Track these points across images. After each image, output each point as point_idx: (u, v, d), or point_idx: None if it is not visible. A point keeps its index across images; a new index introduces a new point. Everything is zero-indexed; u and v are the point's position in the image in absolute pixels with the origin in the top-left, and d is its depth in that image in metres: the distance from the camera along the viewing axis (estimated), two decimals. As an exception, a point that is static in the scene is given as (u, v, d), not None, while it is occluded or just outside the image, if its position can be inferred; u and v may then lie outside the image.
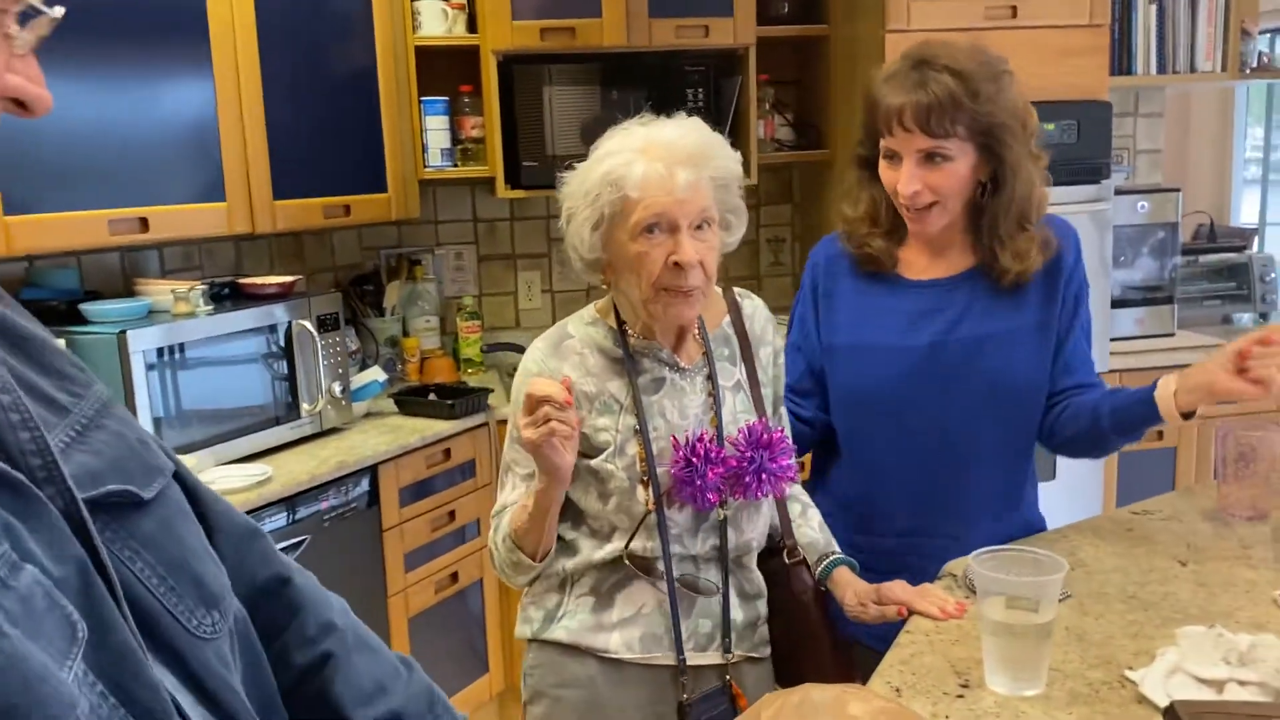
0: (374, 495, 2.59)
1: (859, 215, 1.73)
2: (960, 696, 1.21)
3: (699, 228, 1.40)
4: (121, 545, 0.65)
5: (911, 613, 1.44)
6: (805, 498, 1.69)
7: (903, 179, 1.59)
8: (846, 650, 1.59)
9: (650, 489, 1.45)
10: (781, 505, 1.60)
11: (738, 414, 1.53)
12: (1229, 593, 1.45)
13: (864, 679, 1.32)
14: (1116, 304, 3.27)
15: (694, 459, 1.42)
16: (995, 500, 1.70)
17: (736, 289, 1.63)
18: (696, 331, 1.54)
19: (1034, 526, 1.75)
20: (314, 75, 2.79)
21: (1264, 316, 3.76)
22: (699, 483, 1.42)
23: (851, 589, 1.55)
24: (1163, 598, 1.44)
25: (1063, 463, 2.94)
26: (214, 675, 0.66)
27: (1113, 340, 3.22)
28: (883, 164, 1.63)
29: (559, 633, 1.51)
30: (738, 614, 1.53)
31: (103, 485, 0.65)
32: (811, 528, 1.64)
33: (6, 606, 0.52)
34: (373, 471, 2.58)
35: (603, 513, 1.47)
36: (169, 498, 0.71)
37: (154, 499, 0.69)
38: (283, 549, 2.43)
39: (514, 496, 1.52)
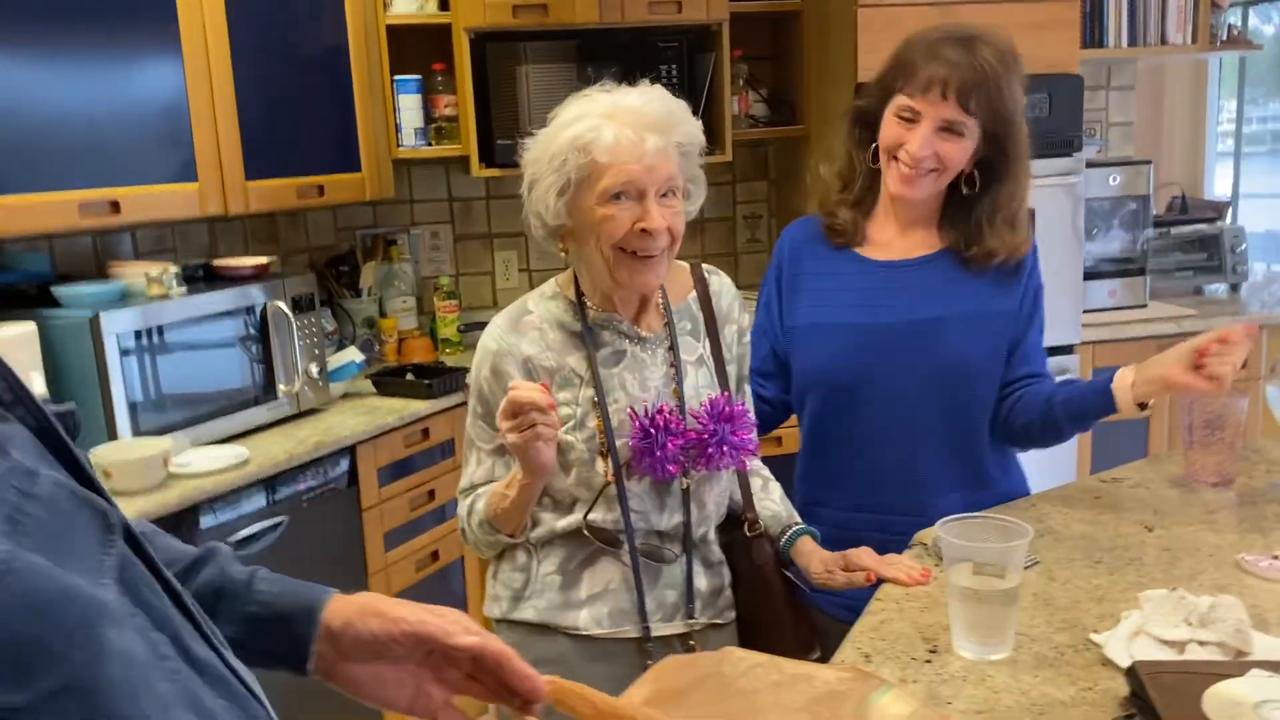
0: (353, 475, 2.59)
1: (833, 173, 1.76)
2: (928, 661, 1.23)
3: (665, 195, 1.41)
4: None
5: (880, 580, 1.46)
6: (766, 472, 1.70)
7: (918, 140, 1.60)
8: (809, 618, 1.61)
9: (610, 461, 1.46)
10: (743, 479, 1.61)
11: (700, 388, 1.53)
12: (1193, 557, 1.47)
13: (826, 645, 1.34)
14: (1089, 275, 3.30)
15: (653, 429, 1.43)
16: (951, 477, 1.70)
17: (705, 265, 1.64)
18: (659, 302, 1.54)
19: (1012, 497, 1.76)
20: (284, 55, 2.77)
21: (1235, 288, 3.81)
22: (659, 453, 1.43)
23: (817, 557, 1.56)
24: (1128, 562, 1.46)
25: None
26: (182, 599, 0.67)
27: (1085, 312, 3.25)
28: (892, 120, 1.63)
29: (528, 612, 1.52)
30: (701, 582, 1.55)
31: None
32: (773, 500, 1.66)
33: (34, 514, 0.51)
34: (351, 452, 2.58)
35: (564, 485, 1.48)
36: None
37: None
38: (262, 530, 2.42)
39: (480, 473, 1.54)
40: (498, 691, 0.89)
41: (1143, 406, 1.59)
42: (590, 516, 1.48)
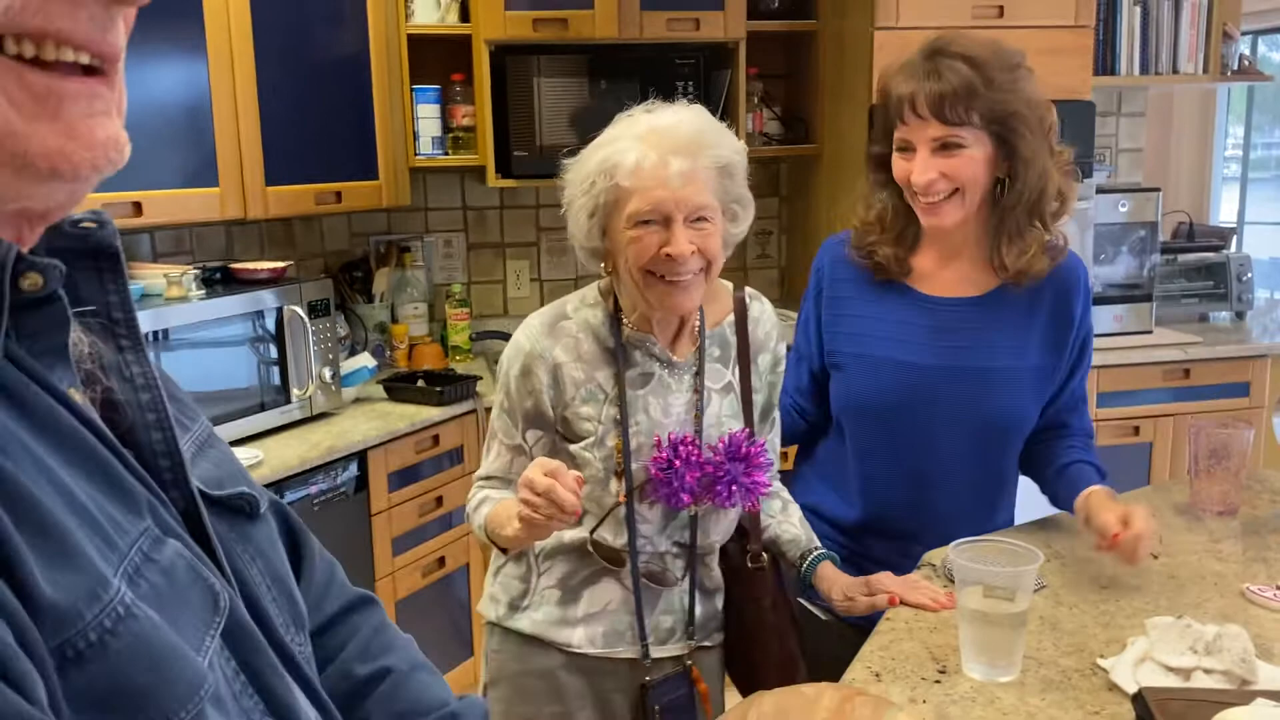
0: (363, 480, 2.62)
1: (869, 219, 1.70)
2: (938, 681, 1.25)
3: (696, 220, 1.38)
4: (241, 548, 0.66)
5: (901, 602, 1.47)
6: (786, 494, 1.69)
7: (917, 168, 1.55)
8: (794, 659, 1.60)
9: (623, 482, 1.45)
10: (755, 511, 1.60)
11: (722, 417, 1.52)
12: (1198, 585, 1.50)
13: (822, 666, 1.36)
14: (1096, 301, 3.31)
15: (676, 460, 1.42)
16: (961, 520, 1.66)
17: (749, 289, 1.60)
18: (695, 326, 1.52)
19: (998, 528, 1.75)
20: (307, 62, 2.80)
21: (1240, 315, 3.83)
22: (676, 484, 1.42)
23: (838, 585, 1.55)
24: (1134, 589, 1.49)
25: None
26: (309, 681, 0.67)
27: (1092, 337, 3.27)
28: (896, 158, 1.61)
29: (523, 623, 1.53)
30: (699, 608, 1.56)
31: (225, 489, 0.66)
32: (792, 524, 1.64)
33: (151, 579, 0.53)
34: (362, 457, 2.60)
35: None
36: (270, 519, 0.73)
37: (263, 514, 0.71)
38: (274, 532, 2.43)
39: (497, 466, 1.53)
40: None
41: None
42: (597, 534, 1.48)
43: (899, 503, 1.70)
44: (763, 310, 1.59)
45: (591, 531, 1.48)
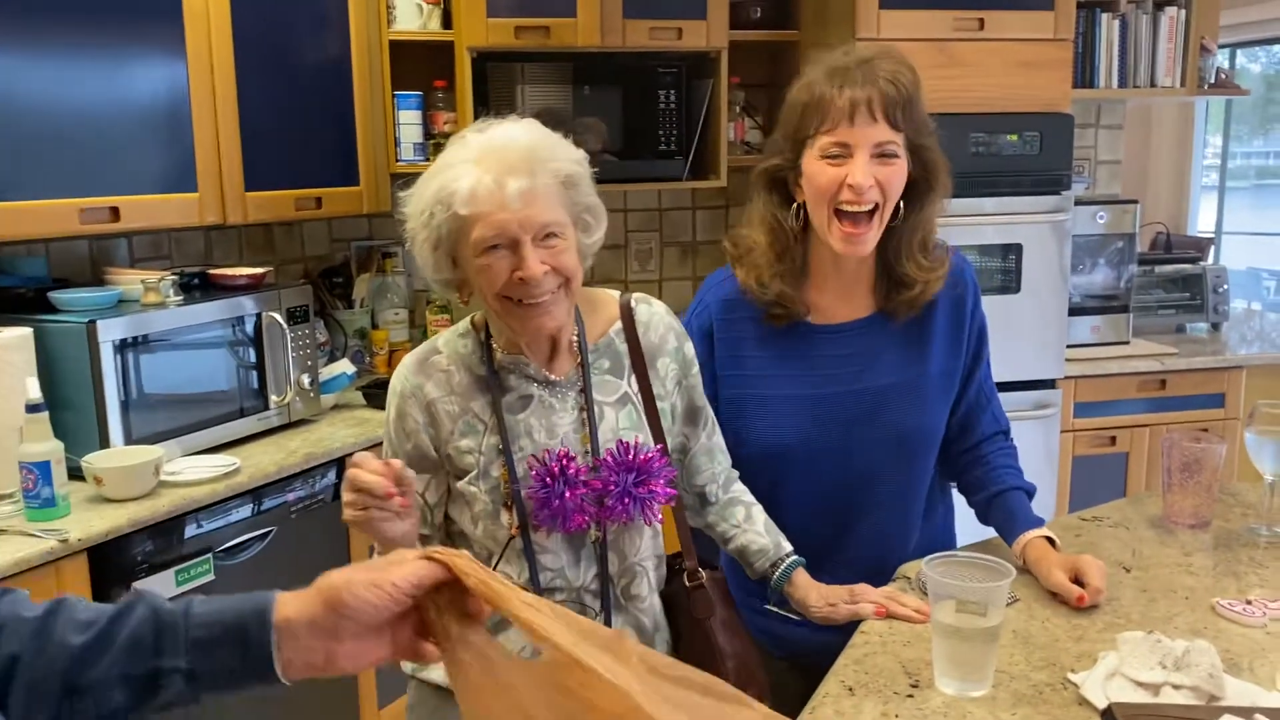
0: (340, 488, 2.60)
1: (765, 245, 1.61)
2: (910, 696, 1.26)
3: (545, 238, 1.32)
4: None
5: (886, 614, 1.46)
6: (748, 498, 1.61)
7: (859, 169, 1.49)
8: (757, 678, 1.51)
9: (515, 513, 1.38)
10: (680, 522, 1.53)
11: (620, 430, 1.43)
12: (1169, 599, 1.51)
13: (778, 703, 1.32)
14: (1074, 311, 3.35)
15: (549, 480, 1.35)
16: (887, 540, 1.69)
17: (635, 294, 1.53)
18: (573, 341, 1.45)
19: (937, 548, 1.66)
20: (288, 67, 2.80)
21: (1215, 326, 3.87)
22: (556, 504, 1.35)
23: (815, 590, 1.52)
24: (1106, 603, 1.49)
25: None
26: None
27: (1069, 347, 3.30)
28: (823, 165, 1.52)
29: (435, 674, 1.45)
30: None
31: None
32: (758, 532, 1.57)
33: None
34: (340, 464, 2.59)
35: (475, 536, 1.41)
36: None
37: None
38: (249, 540, 2.43)
39: None
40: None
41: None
42: (499, 572, 1.40)
43: (820, 532, 1.66)
44: (652, 314, 1.51)
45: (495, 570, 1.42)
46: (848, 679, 1.30)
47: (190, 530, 2.22)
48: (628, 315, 1.49)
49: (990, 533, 1.73)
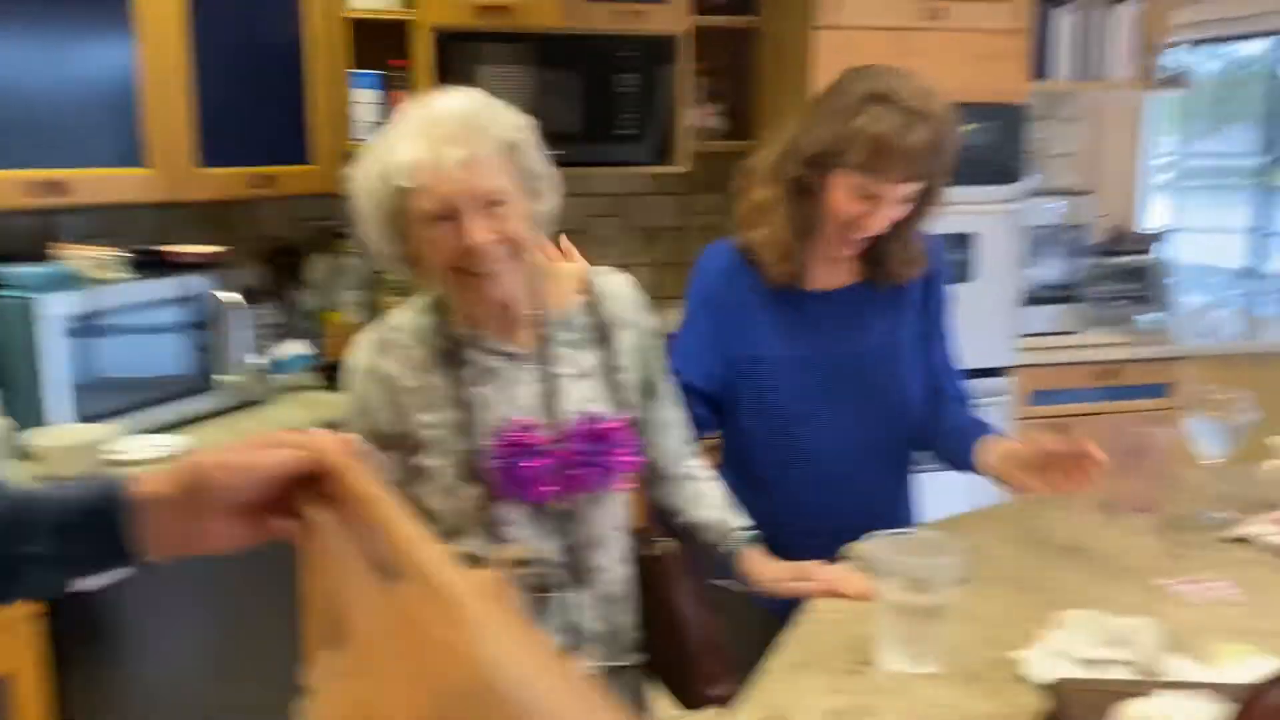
0: (294, 469, 2.58)
1: (775, 239, 1.70)
2: (858, 673, 1.27)
3: (491, 204, 1.31)
4: None
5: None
6: (703, 473, 1.62)
7: (879, 220, 1.63)
8: (721, 653, 1.54)
9: (477, 486, 1.38)
10: (644, 497, 1.55)
11: (585, 402, 1.44)
12: (1114, 579, 1.53)
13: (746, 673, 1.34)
14: (1028, 301, 3.39)
15: (511, 451, 1.36)
16: (877, 501, 1.78)
17: (597, 267, 1.55)
18: (533, 314, 1.44)
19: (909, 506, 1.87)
20: (242, 42, 2.75)
21: (1164, 318, 3.93)
22: (518, 474, 1.36)
23: (764, 566, 1.53)
24: (1051, 582, 1.52)
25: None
26: None
27: (1023, 336, 3.34)
28: (850, 198, 1.61)
29: None
30: (591, 622, 1.46)
31: None
32: (710, 506, 1.59)
33: None
34: (293, 445, 2.57)
35: (440, 511, 1.41)
36: None
37: None
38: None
39: None
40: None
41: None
42: (464, 547, 1.40)
43: (816, 489, 1.75)
44: (615, 286, 1.52)
45: (457, 543, 1.40)
46: (795, 656, 1.31)
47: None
48: (590, 288, 1.50)
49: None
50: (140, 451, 2.24)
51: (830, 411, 1.73)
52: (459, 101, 1.34)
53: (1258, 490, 1.81)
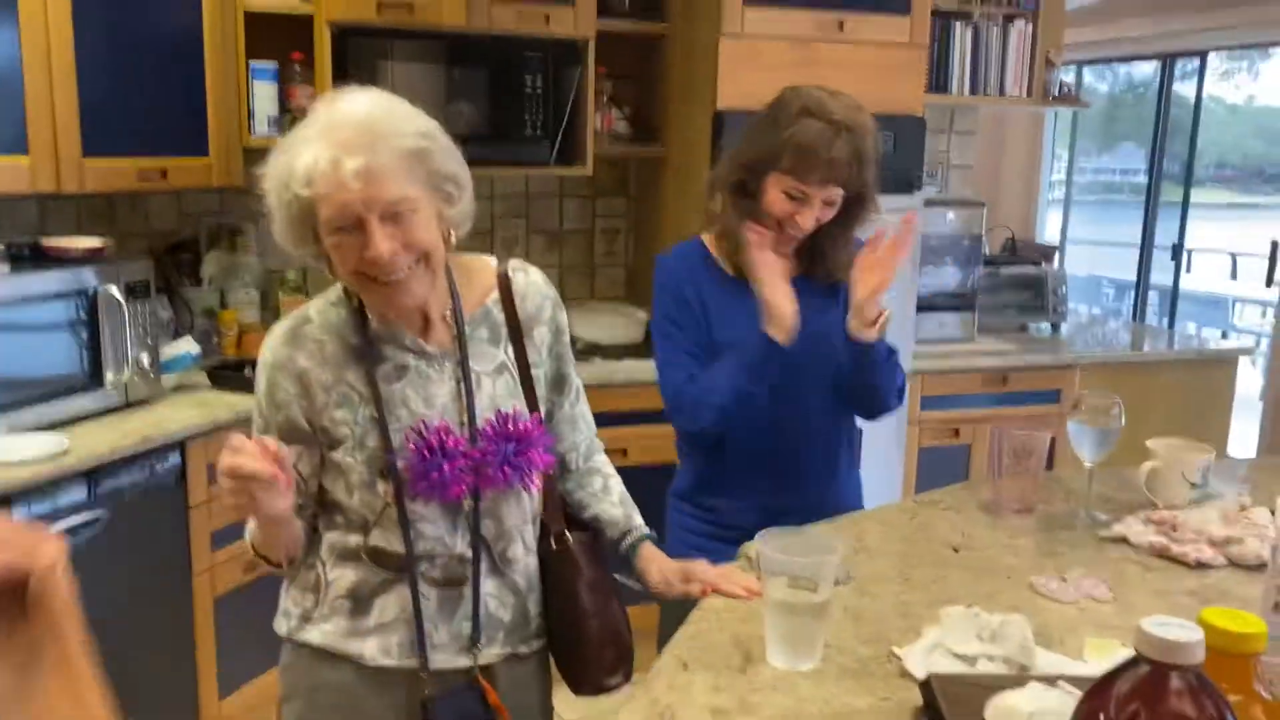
0: (183, 471, 2.51)
1: (723, 236, 1.90)
2: (742, 671, 1.28)
3: (395, 215, 1.28)
4: None
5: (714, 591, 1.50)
6: (609, 469, 1.65)
7: (809, 217, 1.80)
8: (621, 640, 1.56)
9: (390, 482, 1.38)
10: (550, 487, 1.55)
11: (497, 398, 1.44)
12: (993, 577, 1.58)
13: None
14: (922, 308, 3.47)
15: (427, 452, 1.36)
16: (832, 462, 1.96)
17: (513, 261, 1.54)
18: (448, 313, 1.44)
19: (853, 493, 2.04)
20: (132, 29, 2.67)
21: (1055, 327, 4.07)
22: (435, 476, 1.36)
23: (656, 565, 1.56)
24: (934, 580, 1.56)
25: (866, 454, 3.12)
26: None
27: (917, 343, 3.42)
28: (779, 197, 1.80)
29: (313, 635, 1.45)
30: (498, 611, 1.48)
31: None
32: (613, 502, 1.61)
33: None
34: (181, 447, 2.49)
35: (350, 505, 1.41)
36: None
37: None
38: (80, 525, 2.32)
39: None
40: None
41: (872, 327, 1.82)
42: (373, 541, 1.41)
43: (767, 463, 1.89)
44: (529, 282, 1.52)
45: (365, 538, 1.41)
46: (682, 654, 1.32)
47: (20, 513, 2.10)
48: (505, 284, 1.50)
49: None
50: (16, 452, 2.16)
51: (779, 389, 1.82)
52: (362, 105, 1.31)
53: (1135, 491, 1.88)
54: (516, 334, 1.49)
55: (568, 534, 1.54)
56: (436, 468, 1.36)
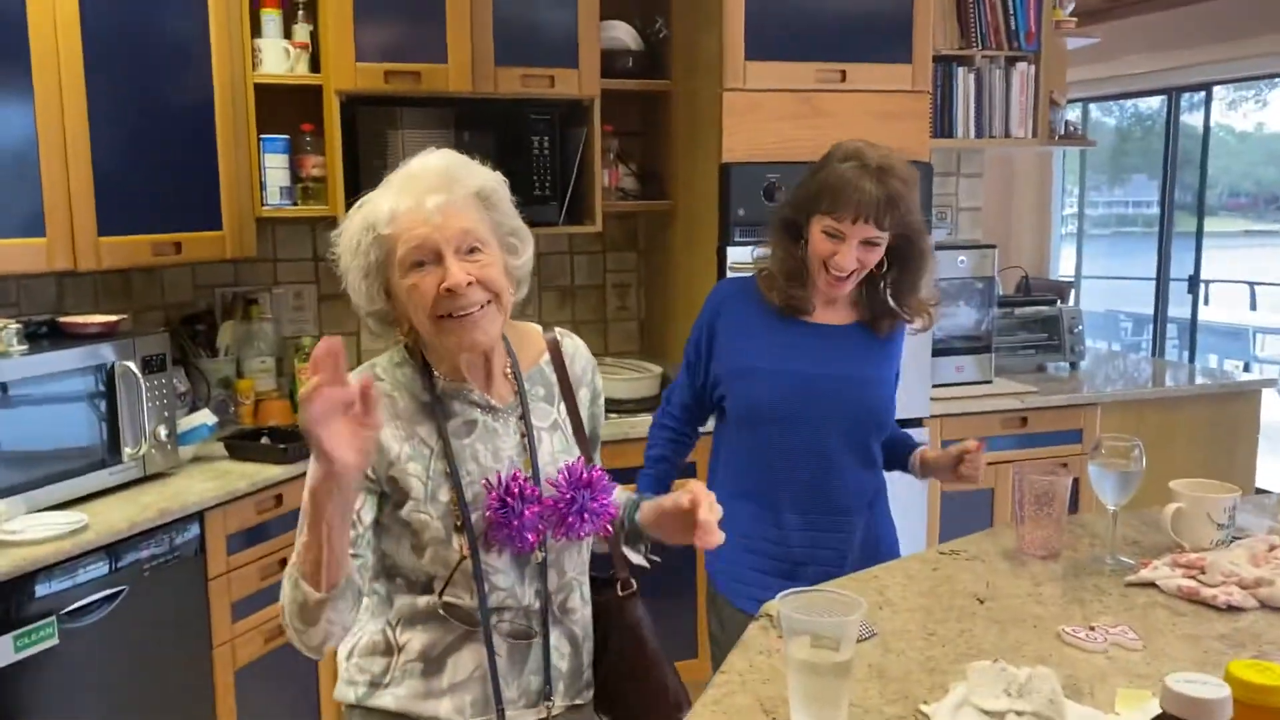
0: (201, 543, 2.50)
1: (782, 271, 2.07)
2: (766, 734, 1.26)
3: (470, 251, 1.38)
4: None
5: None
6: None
7: (845, 257, 1.95)
8: (675, 680, 1.61)
9: (465, 535, 1.42)
10: (614, 537, 1.59)
11: (556, 454, 1.51)
12: (1019, 628, 1.55)
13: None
14: (938, 352, 3.45)
15: (509, 499, 1.40)
16: (860, 497, 2.11)
17: (558, 329, 1.63)
18: (508, 370, 1.52)
19: (886, 531, 2.20)
20: (145, 108, 2.71)
21: (1074, 366, 4.04)
22: (515, 523, 1.40)
23: (649, 504, 1.55)
24: (959, 634, 1.53)
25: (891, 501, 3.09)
26: None
27: (934, 386, 3.39)
28: (821, 237, 1.97)
29: (386, 700, 1.45)
30: (562, 663, 1.52)
31: None
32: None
33: None
34: (200, 518, 2.49)
35: (417, 566, 1.43)
36: None
37: None
38: (100, 599, 2.32)
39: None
40: None
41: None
42: (447, 598, 1.43)
43: (788, 487, 2.05)
44: (576, 347, 1.63)
45: (440, 594, 1.43)
46: (706, 717, 1.30)
47: (41, 590, 2.11)
48: (555, 348, 1.59)
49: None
50: (35, 530, 2.16)
51: (808, 423, 2.03)
52: (436, 159, 1.42)
53: (1161, 533, 1.85)
54: (568, 392, 1.57)
55: (632, 581, 1.60)
56: (517, 515, 1.40)
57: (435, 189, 1.36)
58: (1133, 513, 1.96)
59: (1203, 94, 6.35)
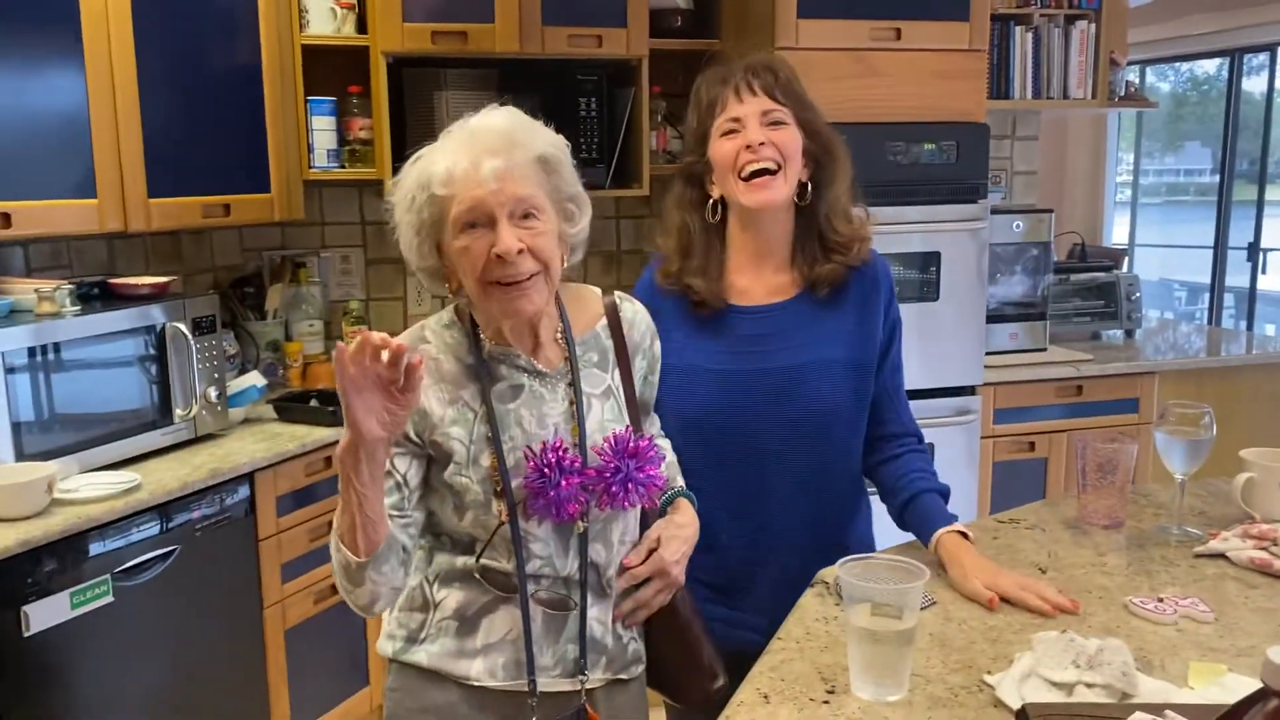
0: (251, 504, 2.52)
1: (671, 248, 1.74)
2: (826, 702, 1.23)
3: (525, 217, 1.34)
4: None
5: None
6: (664, 441, 1.66)
7: (752, 130, 1.64)
8: (714, 646, 1.59)
9: (505, 501, 1.39)
10: (658, 512, 1.56)
11: (605, 422, 1.47)
12: (1084, 598, 1.50)
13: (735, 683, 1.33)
14: (992, 318, 3.39)
15: (546, 469, 1.37)
16: (811, 524, 1.72)
17: (618, 293, 1.58)
18: (559, 334, 1.47)
19: (855, 547, 1.72)
20: (194, 70, 2.71)
21: (1129, 333, 3.95)
22: (553, 494, 1.37)
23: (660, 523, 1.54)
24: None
25: (939, 470, 3.04)
26: None
27: (988, 354, 3.33)
28: (721, 142, 1.66)
29: (420, 656, 1.45)
30: (603, 636, 1.48)
31: None
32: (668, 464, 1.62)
33: None
34: (250, 479, 2.51)
35: (459, 527, 1.41)
36: None
37: None
38: (152, 559, 2.34)
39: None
40: None
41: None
42: (485, 561, 1.41)
43: (731, 506, 1.70)
44: (635, 312, 1.57)
45: (478, 557, 1.41)
46: (763, 686, 1.27)
47: (95, 549, 2.13)
48: (613, 313, 1.54)
49: (909, 536, 1.72)
50: (89, 489, 2.18)
51: (744, 426, 1.69)
52: (498, 118, 1.38)
53: (1230, 504, 1.79)
54: (624, 359, 1.53)
55: None
56: (555, 485, 1.37)
57: (494, 151, 1.33)
58: (1198, 482, 1.90)
59: (1266, 55, 6.15)
